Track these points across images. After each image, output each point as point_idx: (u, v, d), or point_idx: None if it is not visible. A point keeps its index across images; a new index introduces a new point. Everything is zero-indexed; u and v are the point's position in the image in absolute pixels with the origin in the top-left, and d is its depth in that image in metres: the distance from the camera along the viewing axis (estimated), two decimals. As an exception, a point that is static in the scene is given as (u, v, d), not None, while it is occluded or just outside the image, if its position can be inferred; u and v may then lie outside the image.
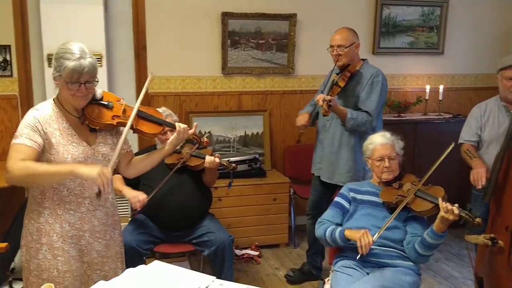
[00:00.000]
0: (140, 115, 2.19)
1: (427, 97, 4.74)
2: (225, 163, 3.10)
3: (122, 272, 2.10)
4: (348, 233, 2.46)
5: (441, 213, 2.32)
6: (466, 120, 3.27)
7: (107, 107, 2.13)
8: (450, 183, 3.65)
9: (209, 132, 4.26)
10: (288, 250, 4.22)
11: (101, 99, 2.13)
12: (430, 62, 4.90)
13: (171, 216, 3.09)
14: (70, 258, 2.09)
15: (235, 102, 4.45)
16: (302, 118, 3.29)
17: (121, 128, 2.20)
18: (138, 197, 2.96)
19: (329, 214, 2.68)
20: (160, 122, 2.25)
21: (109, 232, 2.23)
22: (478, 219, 2.29)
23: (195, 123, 2.52)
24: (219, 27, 4.27)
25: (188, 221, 3.14)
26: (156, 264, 2.10)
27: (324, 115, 3.03)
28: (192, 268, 3.65)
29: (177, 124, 2.30)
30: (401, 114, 4.69)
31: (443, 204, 2.32)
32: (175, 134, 2.28)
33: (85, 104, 2.08)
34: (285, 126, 4.61)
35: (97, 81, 2.04)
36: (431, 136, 4.49)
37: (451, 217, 2.29)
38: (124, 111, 2.16)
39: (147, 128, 2.20)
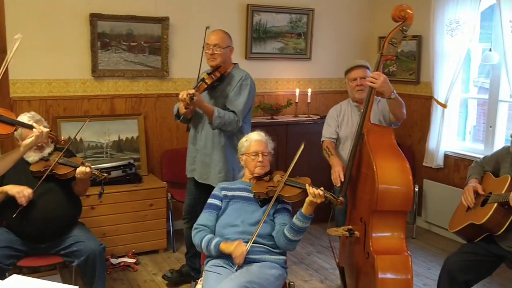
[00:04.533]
0: None
1: (297, 100, 5.00)
2: (96, 173, 2.98)
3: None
4: (223, 246, 2.52)
5: (309, 197, 2.50)
6: (325, 121, 3.53)
7: None
8: (319, 180, 3.90)
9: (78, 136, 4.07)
10: (167, 255, 4.18)
11: None
12: (299, 67, 5.18)
13: (35, 227, 2.92)
14: None
15: (107, 106, 4.32)
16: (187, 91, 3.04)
17: None
18: (23, 191, 2.81)
19: (204, 217, 2.72)
20: (12, 122, 2.15)
21: None
22: (340, 198, 2.51)
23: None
24: (87, 29, 4.12)
25: (55, 231, 2.98)
26: (14, 279, 1.98)
27: (185, 108, 3.08)
28: (64, 281, 3.52)
29: (35, 125, 2.20)
30: (274, 116, 4.89)
31: (310, 189, 2.51)
32: (32, 136, 2.19)
33: None
34: (162, 129, 4.58)
35: None
36: (301, 137, 4.65)
37: (318, 200, 2.48)
38: None
39: None
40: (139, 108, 4.45)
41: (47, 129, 2.60)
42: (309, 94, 5.02)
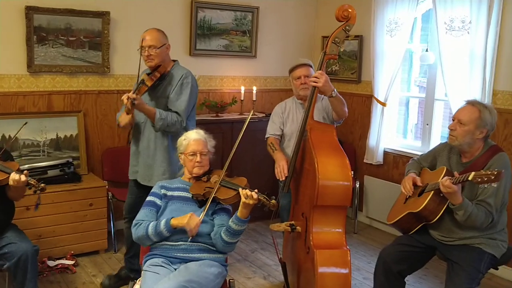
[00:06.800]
0: None
1: (242, 98, 5.00)
2: (32, 182, 2.76)
3: None
4: (174, 221, 2.50)
5: (242, 199, 2.48)
6: (270, 118, 3.57)
7: None
8: (264, 178, 3.93)
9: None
10: (108, 256, 4.07)
11: None
12: (245, 64, 5.17)
13: (-38, 229, 2.76)
14: None
15: (44, 102, 4.15)
16: (125, 117, 3.11)
17: None
18: None
19: (143, 213, 2.67)
20: None
21: None
22: (273, 201, 2.50)
23: None
24: (23, 22, 3.94)
25: (-16, 234, 2.83)
26: None
27: (127, 114, 2.99)
28: (-4, 286, 3.35)
29: None
30: (219, 114, 4.86)
31: (243, 191, 2.49)
32: None
33: None
34: (103, 127, 4.45)
35: None
36: (247, 134, 4.69)
37: (251, 202, 2.46)
38: None
39: None
40: (78, 105, 4.31)
41: None
42: (254, 92, 5.02)
